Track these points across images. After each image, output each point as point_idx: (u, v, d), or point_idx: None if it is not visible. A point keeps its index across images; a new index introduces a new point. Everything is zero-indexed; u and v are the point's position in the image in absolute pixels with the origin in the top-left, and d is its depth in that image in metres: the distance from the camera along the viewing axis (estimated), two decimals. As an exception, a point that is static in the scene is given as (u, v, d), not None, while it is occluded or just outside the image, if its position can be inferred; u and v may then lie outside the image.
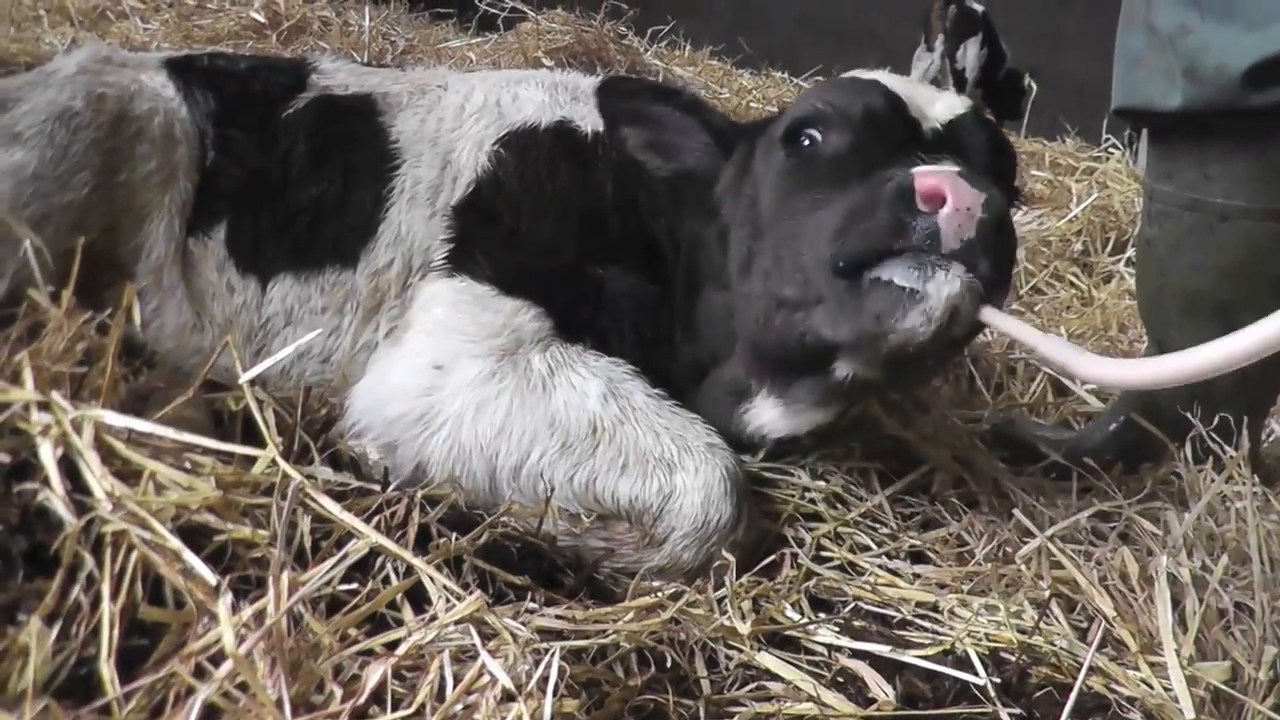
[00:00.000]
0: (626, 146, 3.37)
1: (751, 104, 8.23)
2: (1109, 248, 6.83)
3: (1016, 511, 3.25)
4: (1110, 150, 8.97)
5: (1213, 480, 3.38)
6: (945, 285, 2.53)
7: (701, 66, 9.95)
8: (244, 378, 2.67)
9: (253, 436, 2.70)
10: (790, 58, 12.79)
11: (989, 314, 2.63)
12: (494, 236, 3.38)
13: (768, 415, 3.26)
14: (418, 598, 2.39)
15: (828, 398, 3.13)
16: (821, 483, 3.39)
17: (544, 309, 3.21)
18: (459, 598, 2.32)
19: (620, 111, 3.41)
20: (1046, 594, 2.90)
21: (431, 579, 2.36)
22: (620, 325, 3.30)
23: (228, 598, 2.07)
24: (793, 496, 3.32)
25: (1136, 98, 3.75)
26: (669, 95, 3.44)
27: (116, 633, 2.04)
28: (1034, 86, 11.43)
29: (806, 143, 2.98)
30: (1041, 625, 2.78)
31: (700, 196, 3.35)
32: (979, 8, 14.53)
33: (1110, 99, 3.95)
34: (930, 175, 2.54)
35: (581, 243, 3.37)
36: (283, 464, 2.44)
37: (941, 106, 2.99)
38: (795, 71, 11.32)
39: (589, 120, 3.61)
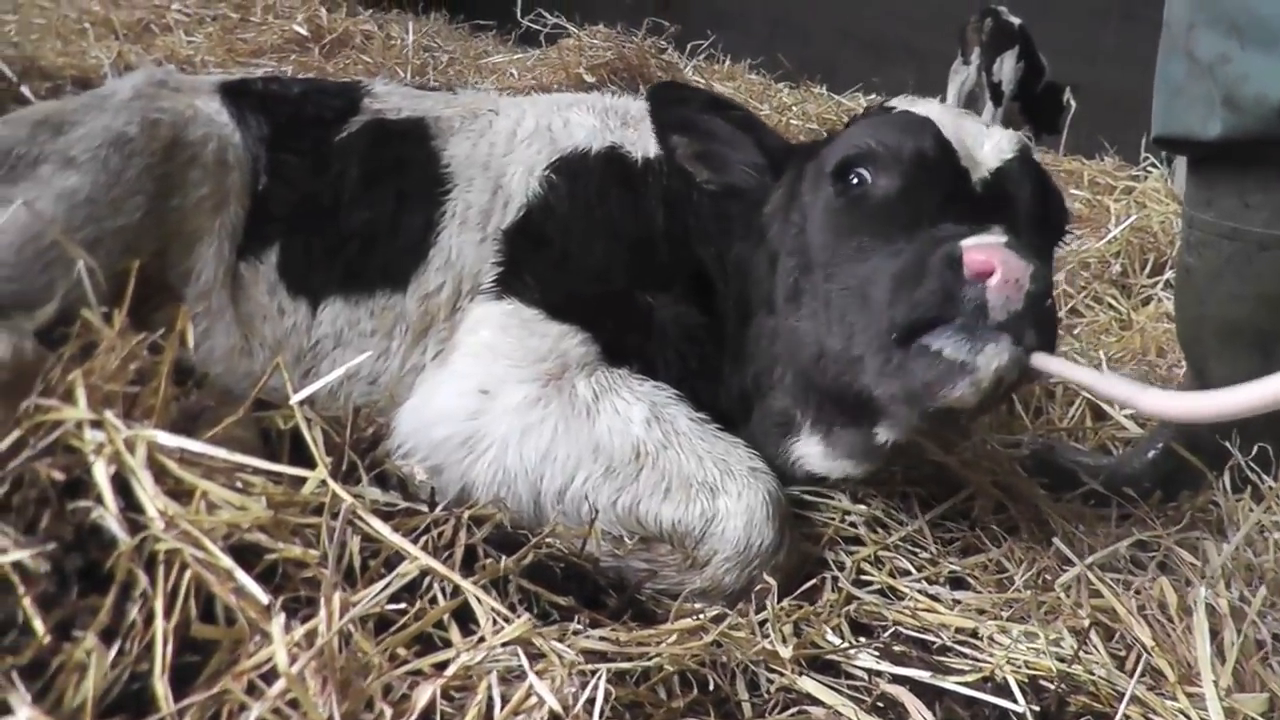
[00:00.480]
0: (675, 155, 3.36)
1: (792, 121, 8.22)
2: (1148, 269, 6.79)
3: (1056, 540, 3.27)
4: (1149, 169, 8.94)
5: (1251, 510, 3.39)
6: (994, 358, 2.57)
7: (741, 81, 9.93)
8: (294, 399, 2.70)
9: (300, 454, 2.74)
10: (828, 71, 12.80)
11: (1045, 361, 2.64)
12: (543, 261, 3.40)
13: (810, 450, 3.28)
14: (464, 616, 2.41)
15: (867, 452, 3.19)
16: (862, 506, 3.41)
17: (591, 334, 3.23)
18: (507, 620, 2.35)
19: (671, 118, 3.37)
20: (1086, 623, 2.91)
21: (479, 600, 2.38)
22: (666, 353, 3.32)
23: (281, 618, 2.10)
24: (833, 520, 3.35)
25: (1176, 126, 3.75)
26: (723, 107, 3.41)
27: (170, 650, 2.07)
28: (1073, 103, 11.38)
29: (855, 181, 2.98)
30: (1081, 654, 2.79)
31: (748, 217, 3.36)
32: (1016, 21, 14.49)
33: (1147, 115, 3.95)
34: (979, 250, 2.57)
35: (631, 269, 3.38)
36: (333, 485, 2.47)
37: (990, 148, 2.98)
38: (833, 84, 11.32)
39: (639, 146, 3.63)
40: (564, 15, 9.68)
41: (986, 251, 2.56)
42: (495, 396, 3.10)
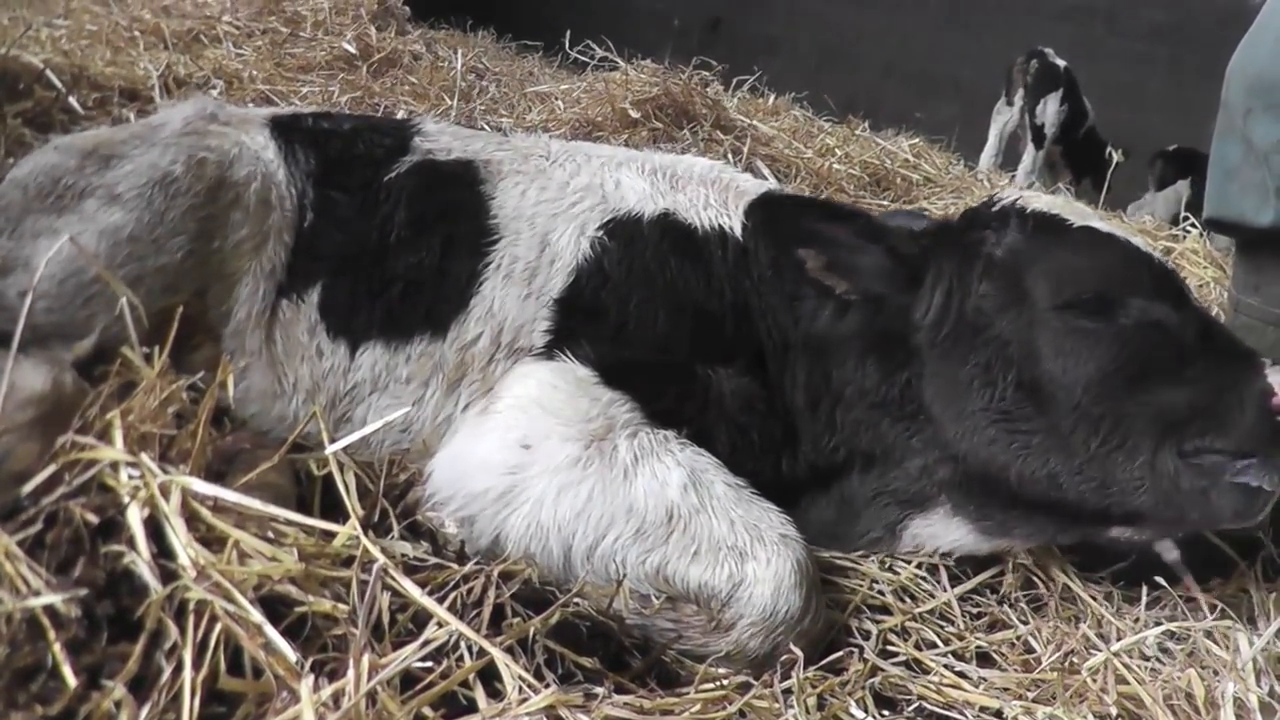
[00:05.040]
0: (806, 269, 3.39)
1: (835, 165, 8.17)
2: (1185, 337, 6.72)
3: (1084, 626, 3.26)
4: (1188, 229, 8.89)
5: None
6: None
7: (785, 117, 9.85)
8: (330, 449, 2.72)
9: (332, 496, 2.75)
10: (873, 104, 12.78)
11: None
12: (600, 331, 3.40)
13: (954, 533, 3.44)
14: (490, 674, 2.41)
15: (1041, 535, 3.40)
16: (890, 574, 3.40)
17: (641, 404, 3.24)
18: (533, 688, 2.34)
19: (794, 232, 3.42)
20: (1112, 710, 2.89)
21: (507, 667, 2.38)
22: (722, 424, 3.37)
23: (310, 679, 2.10)
24: (861, 587, 3.33)
25: (1229, 210, 3.72)
26: (844, 216, 3.50)
27: (197, 701, 2.08)
28: (1115, 158, 11.33)
29: (1093, 309, 3.17)
30: (1105, 742, 2.77)
31: (870, 315, 3.45)
32: (1061, 64, 14.47)
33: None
34: None
35: (695, 341, 3.42)
36: (365, 542, 2.47)
37: (1152, 249, 3.30)
38: (877, 119, 11.25)
39: (693, 214, 3.66)
40: (610, 40, 9.66)
41: None
42: (537, 452, 3.09)
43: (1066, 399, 3.13)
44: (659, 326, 3.42)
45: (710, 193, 3.76)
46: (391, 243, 3.55)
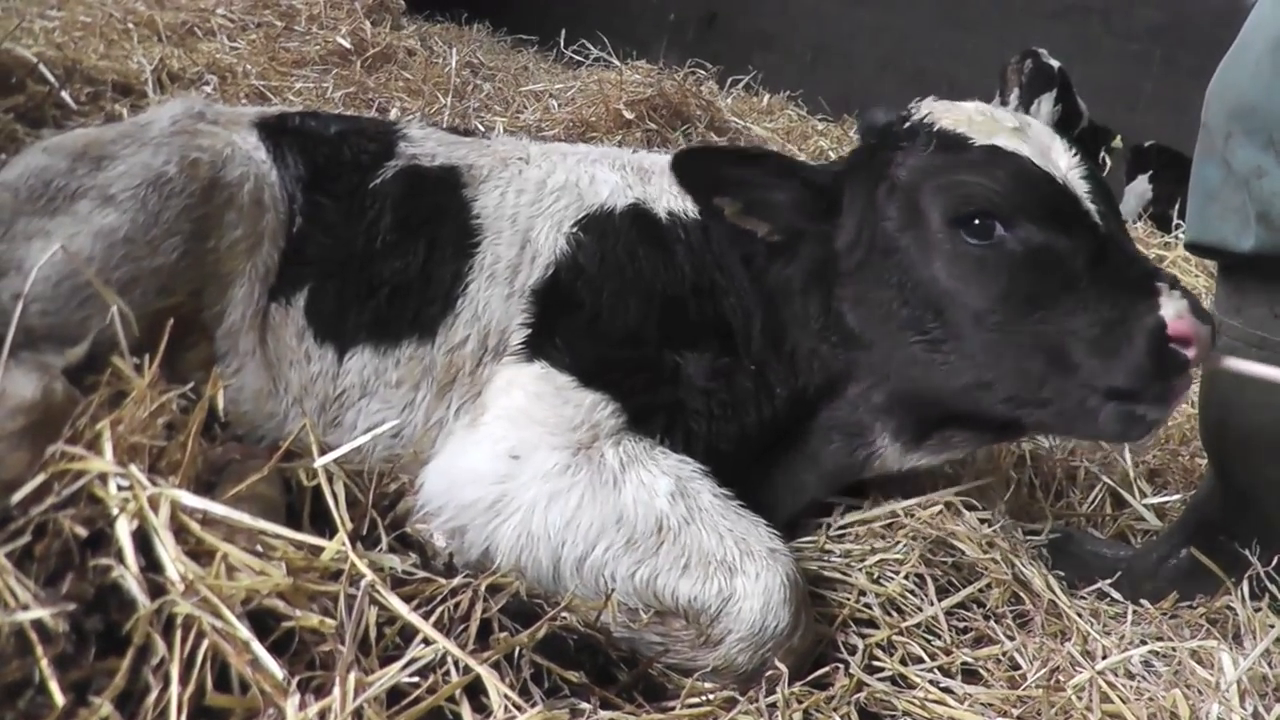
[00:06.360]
0: (725, 216, 3.40)
1: (831, 167, 8.16)
2: (1175, 345, 6.70)
3: (1069, 644, 3.26)
4: (1179, 236, 8.89)
5: (1272, 625, 3.37)
6: (1176, 408, 3.17)
7: (779, 117, 9.84)
8: (319, 462, 2.72)
9: (322, 504, 2.75)
10: (867, 102, 12.76)
11: (1235, 362, 3.25)
12: (575, 324, 3.40)
13: (904, 456, 3.56)
14: (476, 689, 2.41)
15: (978, 442, 3.66)
16: (878, 587, 3.39)
17: (621, 403, 3.25)
18: (519, 707, 2.34)
19: (705, 182, 3.39)
20: (1096, 729, 2.90)
21: (495, 686, 2.38)
22: (695, 400, 3.39)
23: (296, 697, 2.10)
24: (849, 599, 3.33)
25: (1210, 234, 3.69)
26: (755, 158, 3.47)
27: (184, 718, 2.08)
28: (1109, 162, 11.33)
29: (981, 230, 3.18)
30: (1089, 762, 2.78)
31: (795, 250, 3.49)
32: (1055, 64, 14.44)
33: (1187, 165, 3.95)
34: (1183, 323, 2.97)
35: (663, 328, 3.42)
36: (353, 557, 2.46)
37: (1065, 163, 3.27)
38: (872, 116, 11.29)
39: (659, 201, 3.67)
40: (605, 34, 9.64)
41: (1189, 326, 2.98)
42: (526, 462, 3.10)
43: (966, 319, 3.18)
44: (630, 317, 3.42)
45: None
46: (378, 247, 3.54)
